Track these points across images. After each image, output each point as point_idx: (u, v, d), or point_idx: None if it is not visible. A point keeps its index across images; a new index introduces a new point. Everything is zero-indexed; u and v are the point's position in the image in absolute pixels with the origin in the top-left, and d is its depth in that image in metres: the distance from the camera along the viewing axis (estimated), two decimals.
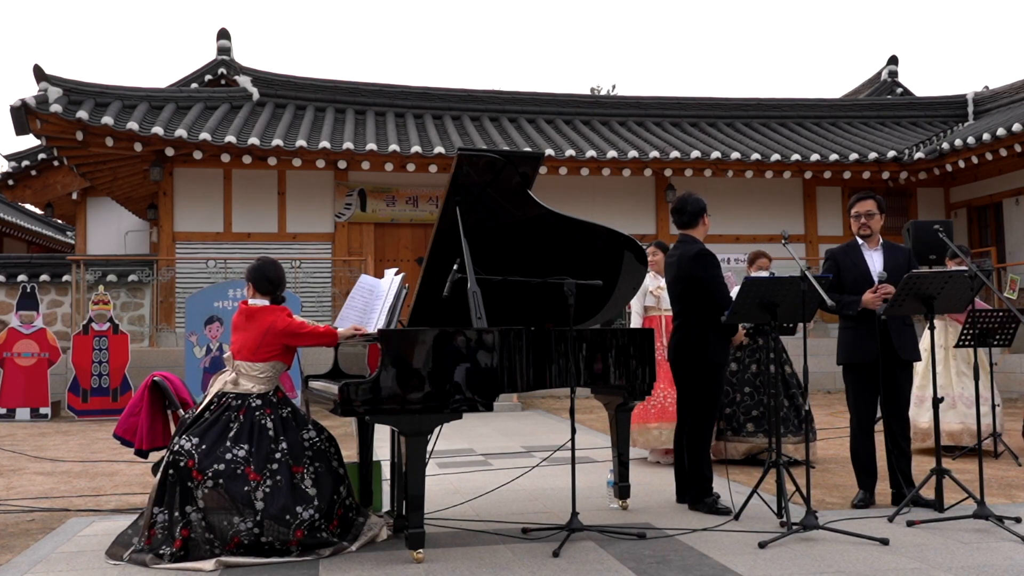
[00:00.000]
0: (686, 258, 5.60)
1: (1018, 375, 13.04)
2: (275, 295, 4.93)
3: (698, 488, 5.52)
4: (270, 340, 4.75)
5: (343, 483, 4.75)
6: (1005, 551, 4.46)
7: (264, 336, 4.75)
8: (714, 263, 5.59)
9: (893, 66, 22.27)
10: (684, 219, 5.79)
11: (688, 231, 5.78)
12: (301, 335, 4.79)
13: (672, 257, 5.81)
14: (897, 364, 5.69)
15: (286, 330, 4.75)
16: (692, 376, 5.61)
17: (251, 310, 4.85)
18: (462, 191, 4.94)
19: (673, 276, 5.74)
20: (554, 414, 11.87)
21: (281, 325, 4.76)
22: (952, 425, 7.45)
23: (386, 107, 17.61)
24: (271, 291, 4.92)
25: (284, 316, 4.80)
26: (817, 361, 14.35)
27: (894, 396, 5.75)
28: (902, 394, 5.78)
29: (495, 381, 4.62)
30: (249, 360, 4.77)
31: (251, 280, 4.93)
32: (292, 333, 4.77)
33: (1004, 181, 16.31)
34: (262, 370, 4.76)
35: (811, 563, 4.29)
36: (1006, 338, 6.89)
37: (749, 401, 7.19)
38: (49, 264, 14.70)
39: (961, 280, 5.16)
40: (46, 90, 13.58)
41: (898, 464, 5.67)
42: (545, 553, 4.48)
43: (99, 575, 4.26)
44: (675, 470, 5.82)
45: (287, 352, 4.85)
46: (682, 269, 5.62)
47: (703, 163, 15.74)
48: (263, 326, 4.76)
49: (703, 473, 5.53)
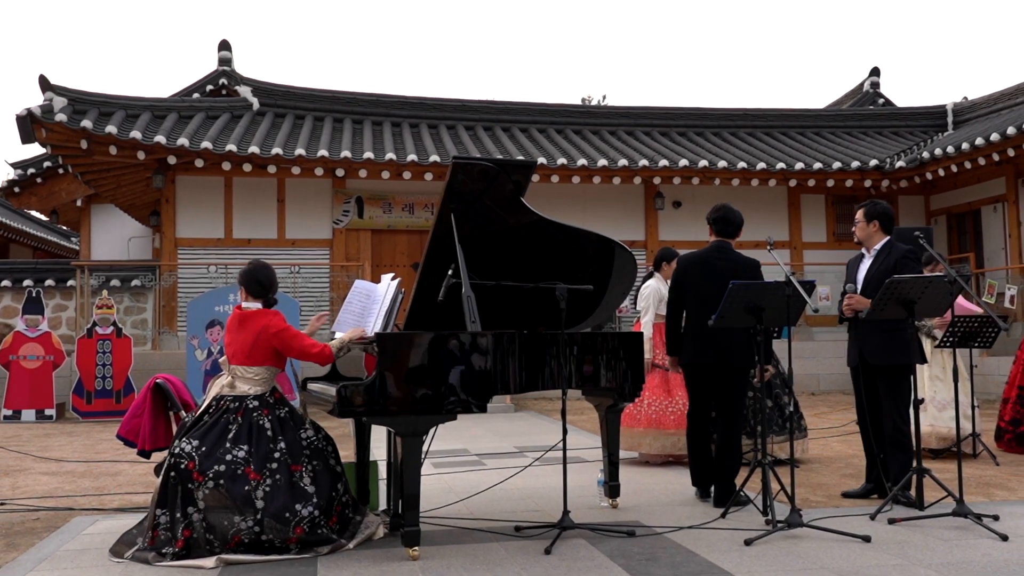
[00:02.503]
0: (754, 266, 5.70)
1: (996, 377, 13.07)
2: (267, 298, 4.89)
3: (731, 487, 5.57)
4: (263, 344, 4.72)
5: (340, 481, 4.74)
6: (983, 548, 4.48)
7: (256, 340, 4.71)
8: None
9: (875, 77, 22.34)
10: (730, 230, 5.84)
11: (730, 240, 5.84)
12: (292, 348, 4.74)
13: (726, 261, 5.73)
14: (869, 369, 5.76)
15: (278, 336, 4.72)
16: (740, 381, 5.68)
17: (244, 315, 4.82)
18: (457, 198, 4.95)
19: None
20: (546, 415, 11.88)
21: (273, 330, 4.72)
22: (923, 427, 7.46)
23: (383, 117, 17.61)
24: (263, 294, 4.88)
25: (277, 321, 4.77)
26: (802, 363, 14.39)
27: (871, 399, 5.82)
28: (875, 398, 5.82)
29: (489, 383, 4.62)
30: (244, 364, 4.75)
31: (243, 284, 4.89)
32: (284, 343, 4.73)
33: (982, 189, 16.36)
34: (257, 372, 4.75)
35: (795, 560, 4.30)
36: (987, 341, 6.96)
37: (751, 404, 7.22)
38: (54, 269, 14.67)
39: (941, 285, 5.19)
40: (51, 100, 13.54)
41: (882, 464, 5.73)
42: (537, 550, 4.48)
43: (103, 573, 4.25)
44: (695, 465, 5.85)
45: (279, 356, 4.82)
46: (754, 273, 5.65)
47: (691, 171, 15.76)
48: (255, 330, 4.73)
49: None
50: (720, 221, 5.82)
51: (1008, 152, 14.37)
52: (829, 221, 17.44)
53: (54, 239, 24.27)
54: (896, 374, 5.65)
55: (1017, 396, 7.98)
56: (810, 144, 18.26)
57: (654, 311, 7.29)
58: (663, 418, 7.18)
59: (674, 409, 7.13)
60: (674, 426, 7.08)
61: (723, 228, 5.81)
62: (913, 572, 4.07)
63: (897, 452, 5.63)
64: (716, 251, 5.78)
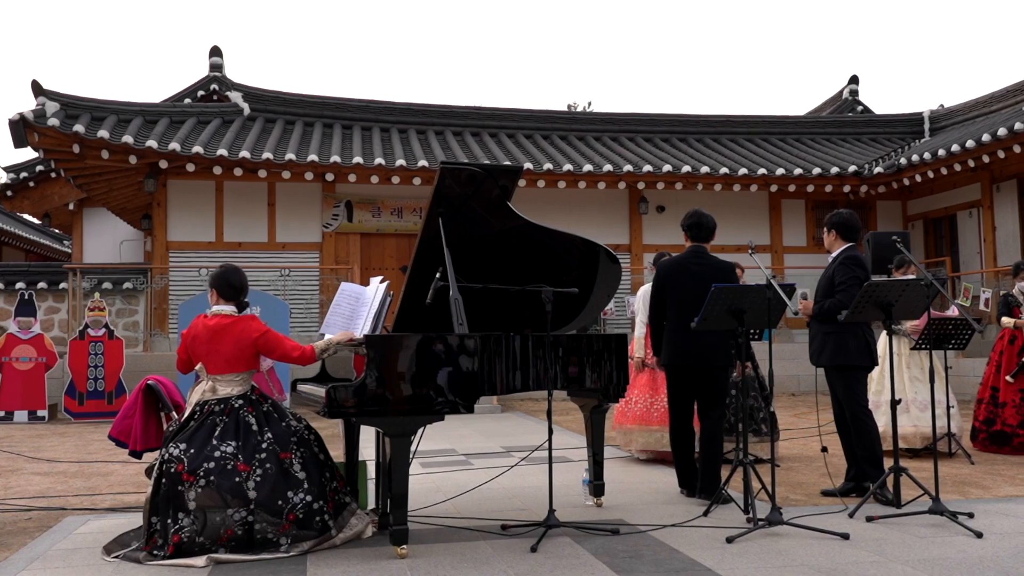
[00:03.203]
0: (729, 269, 5.80)
1: (971, 378, 13.15)
2: (239, 300, 4.81)
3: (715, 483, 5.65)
4: (243, 350, 4.67)
5: (327, 467, 4.73)
6: (958, 544, 4.51)
7: (236, 347, 4.66)
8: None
9: (854, 85, 22.44)
10: (704, 234, 5.93)
11: (705, 243, 5.93)
12: (275, 351, 4.71)
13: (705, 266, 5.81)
14: (827, 368, 5.88)
15: (261, 339, 4.68)
16: (720, 379, 5.78)
17: (218, 325, 4.70)
18: (445, 203, 4.95)
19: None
20: (532, 416, 11.87)
21: (255, 334, 4.68)
22: (905, 428, 7.50)
23: (372, 122, 17.59)
24: (235, 297, 4.80)
25: (256, 325, 4.72)
26: (782, 365, 14.43)
27: (835, 398, 5.94)
28: (835, 396, 5.93)
29: (476, 384, 4.62)
30: (223, 372, 4.70)
31: (215, 287, 4.80)
32: (267, 346, 4.70)
33: (958, 195, 16.47)
34: (237, 375, 4.72)
35: (776, 557, 4.31)
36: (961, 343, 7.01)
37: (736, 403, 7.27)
38: (46, 272, 14.57)
39: (917, 288, 5.22)
40: (44, 104, 13.49)
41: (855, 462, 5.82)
42: (523, 548, 4.49)
43: (94, 571, 4.22)
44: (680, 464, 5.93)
45: (257, 357, 4.79)
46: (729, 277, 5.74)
47: (674, 177, 15.81)
48: (233, 337, 4.66)
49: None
50: (694, 227, 5.92)
51: (983, 159, 14.48)
52: (809, 226, 17.52)
53: (47, 242, 24.11)
54: (841, 373, 5.76)
55: (990, 397, 8.05)
56: (791, 150, 18.35)
57: (646, 312, 7.34)
58: (648, 415, 7.23)
59: (659, 407, 7.18)
60: (658, 423, 7.14)
61: (697, 233, 5.92)
62: (890, 568, 4.09)
63: (862, 437, 5.71)
64: (693, 255, 5.87)
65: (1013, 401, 7.89)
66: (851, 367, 5.71)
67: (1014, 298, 8.15)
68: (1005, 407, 7.92)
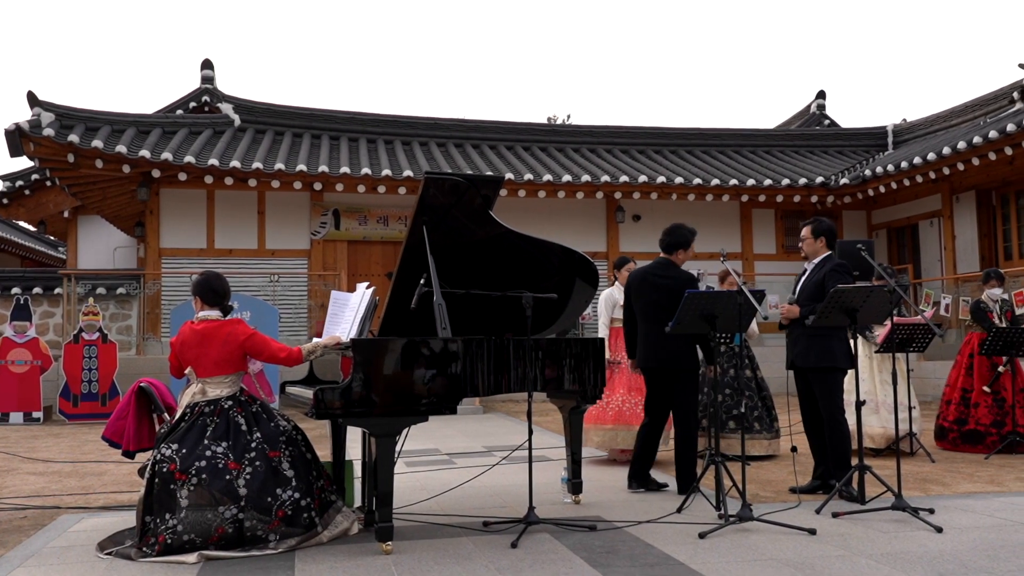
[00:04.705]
0: (687, 279, 5.90)
1: (932, 380, 13.27)
2: (223, 305, 4.80)
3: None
4: (231, 352, 4.65)
5: (314, 468, 4.72)
6: (920, 539, 4.55)
7: (224, 350, 4.64)
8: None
9: (821, 100, 22.59)
10: (669, 245, 6.06)
11: (672, 255, 6.05)
12: (263, 353, 4.69)
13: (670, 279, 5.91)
14: (801, 371, 5.92)
15: (249, 341, 4.66)
16: (687, 381, 5.87)
17: (205, 329, 4.68)
18: (429, 211, 4.96)
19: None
20: (513, 416, 11.88)
21: (242, 337, 4.66)
22: (875, 428, 7.57)
23: (359, 133, 17.55)
24: (218, 302, 4.78)
25: (242, 328, 4.70)
26: None
27: (809, 398, 5.96)
28: (809, 398, 5.95)
29: (458, 386, 4.62)
30: (213, 375, 4.68)
31: (198, 294, 4.77)
32: (255, 348, 4.68)
33: (920, 205, 16.61)
34: (226, 378, 4.70)
35: (746, 551, 4.34)
36: (921, 345, 7.12)
37: (729, 402, 7.36)
38: (42, 277, 14.45)
39: (881, 294, 5.27)
40: (39, 115, 13.39)
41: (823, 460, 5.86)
42: (504, 544, 4.49)
43: (88, 568, 4.19)
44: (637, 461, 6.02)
45: (245, 359, 4.77)
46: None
47: (650, 187, 15.87)
48: (220, 340, 4.64)
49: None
50: (663, 238, 6.11)
51: (944, 170, 14.62)
52: (778, 234, 17.63)
53: (42, 248, 23.91)
54: (823, 376, 5.78)
55: (960, 398, 8.15)
56: (761, 162, 18.45)
57: (607, 315, 7.48)
58: (603, 414, 7.29)
59: (613, 406, 7.26)
60: (612, 421, 7.24)
61: (666, 247, 6.07)
62: (855, 562, 4.12)
63: (835, 439, 5.73)
64: (657, 267, 6.03)
65: (986, 402, 7.99)
66: (835, 369, 5.74)
67: (986, 304, 8.25)
68: (978, 407, 8.01)
